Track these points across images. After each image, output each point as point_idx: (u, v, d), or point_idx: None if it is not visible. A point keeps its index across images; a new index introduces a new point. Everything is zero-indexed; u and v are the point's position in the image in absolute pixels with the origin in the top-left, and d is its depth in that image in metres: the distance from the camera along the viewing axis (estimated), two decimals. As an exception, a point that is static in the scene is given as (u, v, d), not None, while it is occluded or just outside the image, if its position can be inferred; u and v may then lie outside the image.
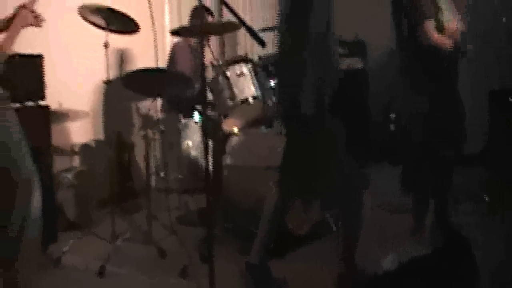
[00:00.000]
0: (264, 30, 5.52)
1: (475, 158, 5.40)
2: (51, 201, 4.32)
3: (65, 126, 5.17)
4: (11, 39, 3.21)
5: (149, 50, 4.70)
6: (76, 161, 5.22)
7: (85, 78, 5.28)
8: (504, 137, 5.32)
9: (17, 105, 4.20)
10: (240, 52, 6.74)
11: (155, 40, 3.21)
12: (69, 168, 4.97)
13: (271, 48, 6.80)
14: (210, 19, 5.28)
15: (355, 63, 6.97)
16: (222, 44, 6.71)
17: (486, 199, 4.88)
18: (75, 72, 5.20)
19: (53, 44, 4.94)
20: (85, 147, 5.33)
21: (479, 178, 5.25)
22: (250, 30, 2.77)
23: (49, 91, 4.58)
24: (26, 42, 4.34)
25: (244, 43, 6.80)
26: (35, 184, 3.21)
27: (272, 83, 4.68)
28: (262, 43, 2.75)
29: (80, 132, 5.31)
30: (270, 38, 6.82)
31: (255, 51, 6.42)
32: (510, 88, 5.64)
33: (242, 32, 5.96)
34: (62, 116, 4.98)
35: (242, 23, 2.85)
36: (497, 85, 5.82)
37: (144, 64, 5.31)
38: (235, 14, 2.79)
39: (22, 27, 3.28)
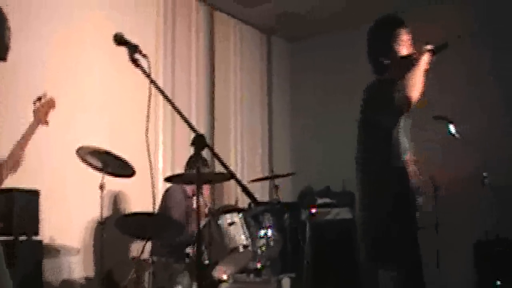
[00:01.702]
0: (255, 180, 5.69)
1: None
2: None
3: (56, 261, 5.16)
4: None
5: (143, 193, 4.81)
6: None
7: (80, 216, 5.36)
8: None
9: (11, 238, 4.25)
10: (230, 199, 6.87)
11: (152, 186, 3.31)
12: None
13: (261, 196, 7.00)
14: (205, 169, 5.43)
15: (344, 213, 7.10)
16: (212, 192, 6.85)
17: None
18: (70, 209, 5.28)
19: (50, 180, 5.05)
20: (75, 284, 5.30)
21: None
22: (243, 187, 2.82)
23: (42, 226, 4.64)
24: (24, 177, 4.49)
25: (235, 191, 6.94)
26: None
27: (262, 232, 4.81)
28: (255, 200, 2.81)
29: (71, 268, 5.29)
30: (259, 187, 7.05)
31: (246, 199, 6.56)
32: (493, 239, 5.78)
33: (233, 180, 6.13)
34: (54, 251, 5.00)
35: (236, 180, 2.90)
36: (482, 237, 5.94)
37: (137, 206, 5.43)
38: (229, 170, 2.86)
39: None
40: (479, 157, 5.83)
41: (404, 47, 3.73)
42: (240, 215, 4.80)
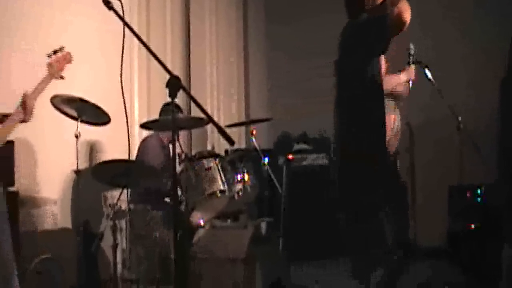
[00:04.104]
0: (231, 125, 5.68)
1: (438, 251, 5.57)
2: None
3: (32, 212, 5.14)
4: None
5: (119, 141, 4.79)
6: (43, 248, 5.16)
7: (55, 165, 5.32)
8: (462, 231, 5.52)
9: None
10: (208, 146, 6.87)
11: (128, 132, 3.31)
12: (35, 255, 4.91)
13: (238, 143, 7.01)
14: (179, 114, 5.40)
15: (321, 159, 7.16)
16: (189, 138, 6.84)
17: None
18: (46, 159, 5.24)
19: (24, 131, 4.99)
20: (52, 234, 5.30)
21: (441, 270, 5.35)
22: (219, 128, 2.84)
23: (18, 176, 4.61)
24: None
25: (212, 137, 6.94)
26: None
27: (239, 177, 4.84)
28: (231, 141, 2.82)
29: (48, 219, 5.29)
30: (236, 133, 7.05)
31: (222, 145, 6.58)
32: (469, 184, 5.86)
33: (209, 126, 6.13)
34: (30, 202, 4.98)
35: (212, 121, 2.93)
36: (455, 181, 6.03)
37: (113, 155, 5.41)
38: (204, 112, 2.88)
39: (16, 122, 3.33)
40: (454, 101, 5.86)
41: None
42: (217, 160, 4.81)
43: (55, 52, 3.51)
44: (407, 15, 3.56)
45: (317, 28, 7.66)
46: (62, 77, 3.56)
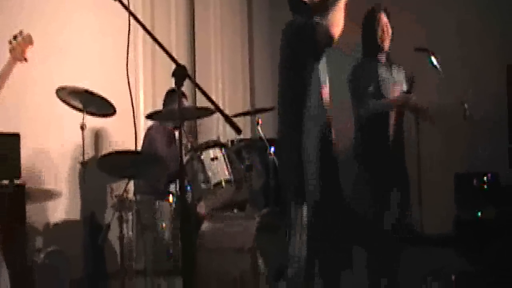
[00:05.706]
0: (237, 115, 5.68)
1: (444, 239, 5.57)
2: (24, 280, 4.29)
3: (39, 205, 5.15)
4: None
5: (125, 131, 4.80)
6: (49, 241, 5.19)
7: (61, 157, 5.33)
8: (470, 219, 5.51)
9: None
10: (212, 135, 6.85)
11: (134, 123, 3.31)
12: (42, 247, 4.93)
13: (243, 133, 6.97)
14: (184, 102, 5.37)
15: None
16: (194, 128, 6.82)
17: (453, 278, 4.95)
18: (51, 151, 5.25)
19: (30, 123, 5.00)
20: (58, 226, 5.32)
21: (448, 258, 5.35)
22: (226, 117, 2.85)
23: (24, 169, 4.61)
24: (2, 121, 4.45)
25: (217, 127, 6.92)
26: None
27: (245, 167, 4.84)
28: (238, 130, 2.83)
29: (54, 211, 5.30)
30: (241, 123, 7.01)
31: (227, 135, 6.56)
32: (475, 171, 5.86)
33: (214, 116, 6.12)
34: (36, 195, 4.99)
35: (219, 110, 2.93)
36: (462, 168, 6.02)
37: (119, 145, 5.42)
38: (211, 101, 2.89)
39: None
40: (460, 89, 5.83)
41: None
42: (223, 150, 4.81)
43: (15, 37, 3.61)
44: (336, 31, 3.53)
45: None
46: (25, 59, 3.65)
